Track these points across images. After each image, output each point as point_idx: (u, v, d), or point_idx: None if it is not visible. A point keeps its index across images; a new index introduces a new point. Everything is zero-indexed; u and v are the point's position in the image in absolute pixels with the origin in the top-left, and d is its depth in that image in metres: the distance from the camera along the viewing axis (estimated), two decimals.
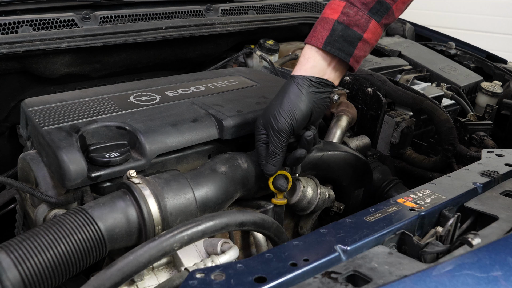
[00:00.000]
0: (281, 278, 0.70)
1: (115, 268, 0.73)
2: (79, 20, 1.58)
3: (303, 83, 1.04)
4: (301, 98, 1.04)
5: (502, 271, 0.70)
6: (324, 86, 1.06)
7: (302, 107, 1.04)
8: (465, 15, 4.85)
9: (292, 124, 1.04)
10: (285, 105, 1.03)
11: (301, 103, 1.04)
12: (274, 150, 1.05)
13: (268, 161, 1.06)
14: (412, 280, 0.68)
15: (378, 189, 1.48)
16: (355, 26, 1.03)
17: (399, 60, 2.09)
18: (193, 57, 1.91)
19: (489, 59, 2.30)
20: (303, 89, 1.04)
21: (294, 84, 1.05)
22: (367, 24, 1.03)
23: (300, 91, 1.04)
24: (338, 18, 1.03)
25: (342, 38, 1.03)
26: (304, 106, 1.04)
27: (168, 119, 1.12)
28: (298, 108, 1.04)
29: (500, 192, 1.03)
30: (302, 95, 1.04)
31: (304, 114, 1.05)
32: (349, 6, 1.03)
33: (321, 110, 1.08)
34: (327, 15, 1.05)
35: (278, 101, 1.05)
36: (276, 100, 1.06)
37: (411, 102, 1.56)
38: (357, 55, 1.05)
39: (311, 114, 1.06)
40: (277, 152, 1.05)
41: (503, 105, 1.88)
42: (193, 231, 0.80)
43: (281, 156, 1.06)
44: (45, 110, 1.12)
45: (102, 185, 1.00)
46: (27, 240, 0.76)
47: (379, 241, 0.85)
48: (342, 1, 1.04)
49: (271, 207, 1.16)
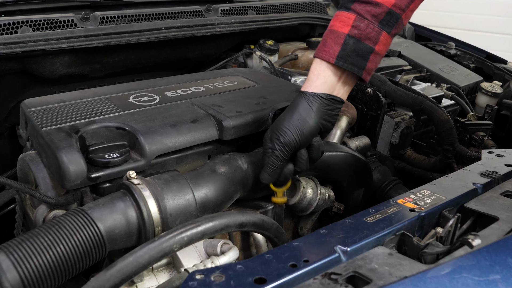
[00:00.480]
0: (281, 279, 0.70)
1: (114, 269, 0.73)
2: (79, 20, 1.58)
3: (314, 100, 1.03)
4: (311, 115, 1.03)
5: (502, 272, 0.70)
6: (334, 103, 1.05)
7: (311, 124, 1.03)
8: (465, 15, 4.86)
9: (298, 139, 1.03)
10: (294, 120, 1.03)
11: (311, 120, 1.03)
12: (274, 162, 1.04)
13: (266, 170, 1.05)
14: (412, 281, 0.68)
15: (378, 189, 1.48)
16: (367, 39, 1.02)
17: (399, 61, 2.09)
18: (192, 58, 1.91)
19: (489, 59, 2.30)
20: (314, 107, 1.03)
21: (305, 100, 1.04)
22: (378, 36, 1.02)
23: (310, 108, 1.03)
24: (349, 32, 1.01)
25: (354, 53, 1.02)
26: (313, 122, 1.03)
27: (168, 119, 1.12)
28: (307, 125, 1.03)
29: (500, 193, 1.03)
30: (312, 112, 1.03)
31: (312, 131, 1.04)
32: (359, 19, 1.01)
33: (330, 127, 1.08)
34: (337, 28, 1.03)
35: (288, 116, 1.04)
36: (286, 115, 1.05)
37: (411, 103, 1.56)
38: (369, 68, 1.05)
39: (320, 130, 1.06)
40: (276, 164, 1.04)
41: (503, 105, 1.88)
42: (192, 232, 0.80)
43: (279, 168, 1.05)
44: (44, 110, 1.12)
45: (101, 186, 1.00)
46: (27, 241, 0.76)
47: (379, 242, 0.85)
48: (352, 13, 1.02)
49: (271, 207, 1.15)
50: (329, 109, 1.05)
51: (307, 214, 1.23)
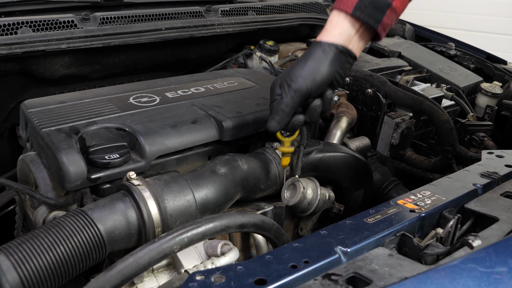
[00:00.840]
0: (281, 280, 0.70)
1: (115, 270, 0.73)
2: (79, 21, 1.58)
3: (329, 49, 1.02)
4: (325, 63, 1.02)
5: (502, 273, 0.70)
6: (347, 56, 1.04)
7: (324, 72, 1.02)
8: (465, 16, 4.85)
9: (310, 87, 1.01)
10: (307, 68, 1.01)
11: (324, 68, 1.02)
12: (283, 109, 1.02)
13: (274, 117, 1.03)
14: (412, 282, 0.68)
15: (378, 190, 1.48)
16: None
17: (399, 61, 2.09)
18: (192, 58, 1.91)
19: (489, 59, 2.30)
20: (329, 55, 1.02)
21: (320, 49, 1.02)
22: None
23: (325, 56, 1.02)
24: None
25: (371, 5, 1.01)
26: (326, 71, 1.02)
27: (168, 120, 1.12)
28: (321, 73, 1.01)
29: (500, 194, 1.03)
30: (326, 61, 1.02)
31: (324, 79, 1.02)
32: None
33: (341, 81, 1.07)
34: None
35: (301, 63, 1.02)
36: (299, 62, 1.03)
37: (411, 103, 1.56)
38: (385, 23, 1.04)
39: (332, 81, 1.04)
40: (285, 111, 1.02)
41: (503, 106, 1.88)
42: (193, 233, 0.79)
43: (288, 116, 1.03)
44: (44, 111, 1.12)
45: (101, 187, 1.00)
46: (27, 242, 0.76)
47: (379, 243, 0.85)
48: None
49: (271, 208, 1.15)
50: (343, 61, 1.04)
51: (307, 215, 1.23)
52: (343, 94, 1.58)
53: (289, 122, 1.05)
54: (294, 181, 1.17)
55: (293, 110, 1.03)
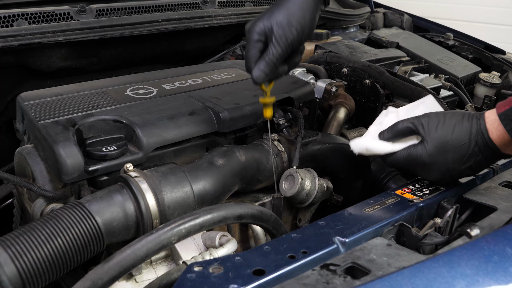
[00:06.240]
0: (279, 270, 0.70)
1: (112, 262, 0.73)
2: (75, 13, 1.57)
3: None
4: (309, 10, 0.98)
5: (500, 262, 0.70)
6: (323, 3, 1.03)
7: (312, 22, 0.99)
8: (463, 6, 4.84)
9: (301, 38, 0.98)
10: (295, 15, 0.96)
11: (309, 15, 0.98)
12: (273, 60, 0.97)
13: (260, 68, 0.98)
14: (410, 271, 0.68)
15: (377, 181, 1.48)
16: None
17: (397, 52, 2.08)
18: (190, 50, 1.90)
19: (487, 50, 2.29)
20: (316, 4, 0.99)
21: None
22: None
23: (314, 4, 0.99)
24: None
25: None
26: (313, 20, 0.99)
27: (165, 112, 1.12)
28: (310, 24, 0.98)
29: (499, 183, 1.03)
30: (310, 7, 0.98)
31: (310, 29, 0.99)
32: None
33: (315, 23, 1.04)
34: None
35: (288, 8, 0.97)
36: (280, 7, 0.98)
37: (409, 94, 1.55)
38: None
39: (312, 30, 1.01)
40: (274, 62, 0.98)
41: (501, 95, 1.88)
42: (190, 224, 0.79)
43: (277, 67, 1.00)
44: (41, 104, 1.11)
45: (99, 179, 1.00)
46: (24, 235, 0.76)
47: (377, 233, 0.85)
48: None
49: (269, 199, 1.15)
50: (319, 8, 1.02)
51: (305, 206, 1.23)
52: (341, 85, 1.58)
53: None
54: (292, 172, 1.17)
55: (282, 60, 1.00)
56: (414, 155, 0.99)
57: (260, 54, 1.00)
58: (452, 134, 0.94)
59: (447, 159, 0.95)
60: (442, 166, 0.96)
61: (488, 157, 0.94)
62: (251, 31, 0.99)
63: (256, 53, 1.00)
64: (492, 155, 0.94)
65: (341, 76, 1.69)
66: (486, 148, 0.93)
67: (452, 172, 0.97)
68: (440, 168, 0.97)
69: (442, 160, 0.96)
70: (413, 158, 0.99)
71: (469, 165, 0.95)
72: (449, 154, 0.95)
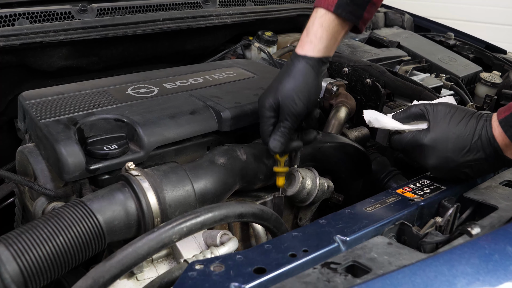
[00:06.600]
0: (280, 269, 0.70)
1: (114, 260, 0.73)
2: (76, 12, 1.57)
3: (318, 65, 1.04)
4: (318, 82, 1.04)
5: (501, 261, 0.70)
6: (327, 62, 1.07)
7: (318, 90, 1.05)
8: (464, 6, 4.84)
9: (308, 107, 1.04)
10: (304, 89, 1.02)
11: (318, 86, 1.04)
12: (285, 132, 1.04)
13: (276, 138, 1.04)
14: (411, 269, 0.68)
15: (377, 180, 1.48)
16: None
17: (398, 51, 2.08)
18: (191, 49, 1.90)
19: (488, 49, 2.29)
20: (315, 70, 1.04)
21: (308, 65, 1.03)
22: None
23: (316, 75, 1.04)
24: None
25: (352, 2, 1.02)
26: (319, 88, 1.05)
27: (166, 111, 1.12)
28: (315, 92, 1.04)
29: (500, 182, 1.03)
30: (318, 79, 1.04)
31: (318, 96, 1.05)
32: None
33: None
34: None
35: (295, 83, 1.03)
36: (287, 78, 1.04)
37: (410, 93, 1.55)
38: (365, 18, 1.06)
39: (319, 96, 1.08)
40: (286, 134, 1.04)
41: (502, 95, 1.88)
42: (192, 223, 0.79)
43: (289, 138, 1.06)
44: (42, 103, 1.11)
45: (100, 178, 1.00)
46: (26, 233, 0.76)
47: (378, 232, 0.85)
48: None
49: (270, 198, 1.15)
50: (324, 70, 1.07)
51: (306, 205, 1.23)
52: (342, 84, 1.58)
53: None
54: (293, 171, 1.17)
55: (294, 130, 1.06)
56: (417, 137, 1.02)
57: (273, 126, 1.07)
58: (458, 124, 0.96)
59: (447, 146, 0.96)
60: (441, 153, 0.97)
61: (489, 156, 0.94)
62: (262, 107, 1.07)
63: (270, 126, 1.07)
64: (494, 154, 0.94)
65: (342, 75, 1.69)
66: (488, 145, 0.93)
67: (449, 163, 0.97)
68: (438, 154, 0.98)
69: (442, 147, 0.97)
70: (415, 140, 1.02)
71: (468, 161, 0.95)
72: (450, 142, 0.96)
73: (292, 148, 1.11)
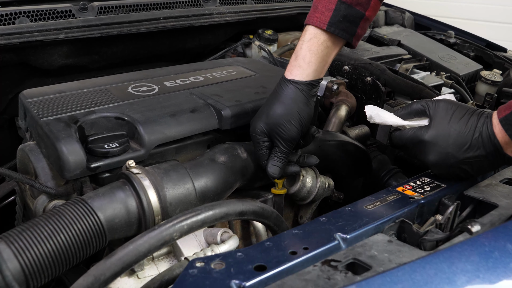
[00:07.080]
0: (281, 266, 0.71)
1: (115, 258, 0.73)
2: (77, 10, 1.57)
3: (308, 89, 1.04)
4: (309, 105, 1.05)
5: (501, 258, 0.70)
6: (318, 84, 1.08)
7: (310, 113, 1.05)
8: (465, 4, 4.83)
9: (302, 131, 1.05)
10: (295, 114, 1.03)
11: (309, 109, 1.04)
12: (281, 157, 1.05)
13: (274, 163, 1.05)
14: (411, 267, 0.68)
15: (378, 178, 1.48)
16: (358, 5, 1.02)
17: (398, 49, 2.08)
18: (191, 48, 1.90)
19: (489, 47, 2.29)
20: (306, 94, 1.04)
21: (300, 92, 1.04)
22: (369, 2, 1.03)
23: (307, 98, 1.04)
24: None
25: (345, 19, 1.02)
26: (311, 110, 1.05)
27: (167, 109, 1.12)
28: (307, 116, 1.04)
29: (500, 180, 1.03)
30: (309, 102, 1.05)
31: (310, 118, 1.06)
32: None
33: None
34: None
35: (284, 108, 1.03)
36: (281, 106, 1.03)
37: (410, 91, 1.55)
38: (358, 34, 1.06)
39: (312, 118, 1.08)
40: (283, 158, 1.05)
41: (502, 93, 1.88)
42: (192, 221, 0.80)
43: (286, 162, 1.07)
44: (43, 101, 1.11)
45: (101, 176, 1.00)
46: (27, 231, 0.76)
47: (378, 229, 0.85)
48: None
49: (270, 196, 1.16)
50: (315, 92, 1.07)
51: (306, 203, 1.23)
52: (342, 83, 1.58)
53: None
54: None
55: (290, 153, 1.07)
56: (418, 133, 1.02)
57: (268, 150, 1.07)
58: (459, 121, 0.97)
59: (448, 142, 0.96)
60: (441, 149, 0.97)
61: (489, 153, 0.94)
62: (253, 132, 1.07)
63: (264, 150, 1.07)
64: (494, 152, 0.94)
65: (343, 73, 1.69)
66: (489, 142, 0.93)
67: (450, 159, 0.97)
68: (439, 150, 0.98)
69: (443, 143, 0.97)
70: (416, 136, 1.02)
71: (469, 157, 0.95)
72: (451, 138, 0.96)
73: (290, 172, 1.11)
